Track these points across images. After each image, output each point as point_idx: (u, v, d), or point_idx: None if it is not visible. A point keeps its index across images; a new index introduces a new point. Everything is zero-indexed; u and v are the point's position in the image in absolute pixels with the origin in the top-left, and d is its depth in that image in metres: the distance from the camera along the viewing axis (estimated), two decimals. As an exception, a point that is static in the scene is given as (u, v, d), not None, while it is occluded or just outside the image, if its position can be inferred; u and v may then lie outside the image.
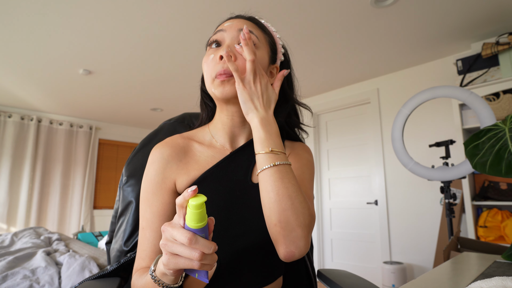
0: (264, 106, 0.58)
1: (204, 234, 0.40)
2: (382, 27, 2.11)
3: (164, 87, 3.18)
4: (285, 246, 0.51)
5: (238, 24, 0.64)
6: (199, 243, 0.39)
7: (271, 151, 0.54)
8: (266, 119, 0.57)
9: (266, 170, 0.54)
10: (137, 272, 0.59)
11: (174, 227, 0.41)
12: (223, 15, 1.95)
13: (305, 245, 0.52)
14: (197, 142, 0.68)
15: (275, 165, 0.53)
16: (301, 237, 0.51)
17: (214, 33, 0.66)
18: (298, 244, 0.51)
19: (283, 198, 0.52)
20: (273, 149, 0.55)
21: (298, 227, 0.51)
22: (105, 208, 4.48)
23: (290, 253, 0.51)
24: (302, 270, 0.78)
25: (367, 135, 3.08)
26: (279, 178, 0.53)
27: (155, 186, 0.62)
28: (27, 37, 2.19)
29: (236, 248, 0.58)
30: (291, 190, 0.52)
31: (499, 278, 0.51)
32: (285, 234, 0.51)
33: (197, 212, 0.38)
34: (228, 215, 0.60)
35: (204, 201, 0.38)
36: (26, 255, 1.83)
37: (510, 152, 0.73)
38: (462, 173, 1.64)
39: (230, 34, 0.63)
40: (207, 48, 0.67)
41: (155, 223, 0.61)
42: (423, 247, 2.52)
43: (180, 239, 0.39)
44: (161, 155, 0.64)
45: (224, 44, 0.63)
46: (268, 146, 0.55)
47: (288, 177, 0.53)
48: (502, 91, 2.00)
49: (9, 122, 3.77)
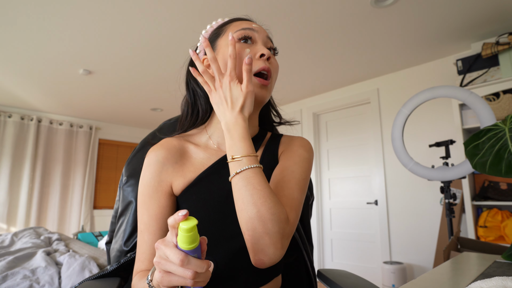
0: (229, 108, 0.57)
1: (196, 254, 0.40)
2: (382, 27, 2.11)
3: (164, 87, 3.18)
4: (253, 254, 0.51)
5: (265, 31, 0.68)
6: (191, 264, 0.39)
7: (233, 159, 0.53)
8: (235, 124, 0.56)
9: (232, 179, 0.53)
10: (137, 275, 0.60)
11: (167, 246, 0.40)
12: (223, 15, 1.95)
13: (274, 253, 0.50)
14: (193, 144, 0.68)
15: (237, 173, 0.52)
16: (269, 244, 0.50)
17: (242, 28, 0.65)
18: (266, 252, 0.50)
19: (248, 206, 0.50)
20: (234, 156, 0.53)
21: (265, 234, 0.49)
22: (105, 208, 4.48)
23: (259, 260, 0.51)
24: (302, 270, 0.78)
25: (367, 135, 3.08)
26: (243, 185, 0.51)
27: (151, 189, 0.62)
28: (27, 37, 2.19)
29: (232, 248, 0.59)
30: (256, 197, 0.50)
31: (499, 278, 0.51)
32: (254, 242, 0.50)
33: (188, 235, 0.38)
34: (223, 216, 0.60)
35: (195, 225, 0.38)
36: (26, 255, 1.83)
37: (510, 152, 0.73)
38: (462, 173, 1.64)
39: (261, 37, 0.66)
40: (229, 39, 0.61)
41: (152, 226, 0.61)
42: (423, 247, 2.52)
43: (173, 259, 0.39)
44: (156, 158, 0.64)
45: (257, 43, 0.65)
46: (230, 154, 0.54)
47: (253, 182, 0.51)
48: (502, 91, 2.00)
49: (9, 122, 3.77)
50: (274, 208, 0.51)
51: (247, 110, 0.57)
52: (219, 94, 0.58)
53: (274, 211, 0.50)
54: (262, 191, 0.51)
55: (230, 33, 0.59)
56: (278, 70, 0.68)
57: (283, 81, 3.08)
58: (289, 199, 0.57)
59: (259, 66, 0.62)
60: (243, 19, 0.69)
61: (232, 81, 0.57)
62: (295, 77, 2.97)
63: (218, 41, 0.66)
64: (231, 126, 0.55)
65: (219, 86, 0.58)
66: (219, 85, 0.58)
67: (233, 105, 0.56)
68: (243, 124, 0.56)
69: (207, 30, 0.70)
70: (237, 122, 0.56)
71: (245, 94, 0.56)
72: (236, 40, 0.63)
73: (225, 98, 0.57)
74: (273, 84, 0.67)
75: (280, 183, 0.59)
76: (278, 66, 0.68)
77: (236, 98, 0.57)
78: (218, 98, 0.58)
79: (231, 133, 0.55)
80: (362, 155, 3.10)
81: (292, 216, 0.54)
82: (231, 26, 0.66)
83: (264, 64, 0.62)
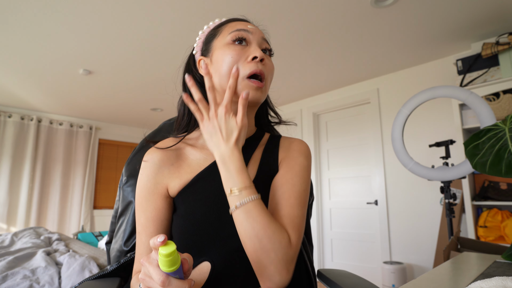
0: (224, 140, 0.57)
1: (178, 275, 0.42)
2: (382, 27, 2.11)
3: (164, 87, 3.18)
4: (262, 282, 0.53)
5: (261, 32, 0.67)
6: (172, 285, 0.41)
7: (231, 193, 0.54)
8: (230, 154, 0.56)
9: (233, 213, 0.54)
10: (135, 275, 0.61)
11: (151, 264, 0.42)
12: (223, 16, 1.95)
13: (281, 280, 0.52)
14: (189, 145, 0.68)
15: (236, 207, 0.54)
16: (274, 273, 0.52)
17: (236, 29, 0.65)
18: (273, 280, 0.52)
19: (251, 239, 0.52)
20: (233, 189, 0.54)
21: (270, 264, 0.52)
22: (105, 208, 4.48)
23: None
24: (302, 270, 0.78)
25: (367, 135, 3.08)
26: (244, 219, 0.53)
27: (148, 191, 0.63)
28: (27, 37, 2.19)
29: (228, 248, 0.59)
30: (257, 229, 0.52)
31: (499, 278, 0.51)
32: (260, 272, 0.52)
33: (168, 260, 0.39)
34: (220, 216, 0.60)
35: (174, 249, 0.39)
36: (26, 255, 1.83)
37: (510, 152, 0.73)
38: (462, 173, 1.64)
39: (256, 38, 0.65)
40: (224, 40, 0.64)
41: (149, 227, 0.62)
42: (423, 247, 2.52)
43: (155, 279, 0.41)
44: (152, 160, 0.64)
45: (251, 45, 0.64)
46: (228, 187, 0.55)
47: (253, 215, 0.53)
48: (502, 91, 2.00)
49: (9, 122, 3.77)
50: (274, 236, 0.52)
51: (241, 142, 0.58)
52: (213, 124, 0.58)
53: (275, 240, 0.52)
54: (261, 222, 0.52)
55: (235, 66, 0.60)
56: (273, 71, 0.67)
57: (283, 81, 3.08)
58: (290, 219, 0.57)
59: (251, 69, 0.61)
60: (240, 20, 0.69)
61: (227, 113, 0.58)
62: (295, 77, 2.97)
63: (213, 42, 0.67)
64: (227, 158, 0.56)
65: (214, 116, 0.58)
66: (213, 115, 0.58)
67: (228, 137, 0.57)
68: (239, 156, 0.56)
69: (203, 30, 0.71)
70: (233, 154, 0.56)
71: (240, 127, 0.57)
72: (230, 42, 0.63)
73: (219, 128, 0.57)
74: (268, 85, 0.66)
75: (281, 200, 0.59)
76: (272, 67, 0.67)
77: (231, 130, 0.57)
78: (212, 128, 0.58)
79: (227, 166, 0.56)
80: (362, 155, 3.10)
81: (295, 237, 0.55)
82: (227, 27, 0.66)
83: (256, 67, 0.61)
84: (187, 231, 0.60)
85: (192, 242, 0.59)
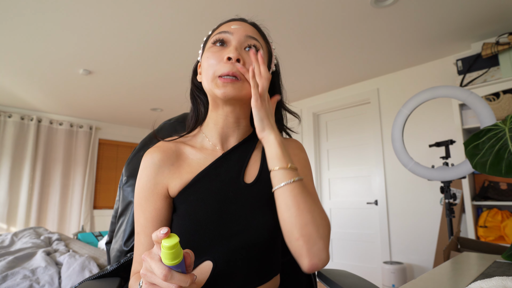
0: (273, 124, 0.61)
1: (180, 269, 0.42)
2: (382, 27, 2.11)
3: (164, 87, 3.18)
4: (309, 259, 0.53)
5: (245, 30, 0.65)
6: (175, 279, 0.41)
7: (290, 168, 0.57)
8: (279, 136, 0.61)
9: (287, 186, 0.56)
10: (134, 276, 0.61)
11: (153, 259, 0.42)
12: (223, 16, 1.94)
13: (326, 256, 0.54)
14: (189, 145, 0.68)
15: (294, 181, 0.56)
16: (323, 248, 0.53)
17: (218, 31, 0.66)
18: (321, 257, 0.53)
19: (304, 213, 0.54)
20: (292, 165, 0.58)
21: (320, 239, 0.53)
22: (105, 208, 4.48)
23: (314, 265, 0.53)
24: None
25: (367, 135, 3.08)
26: (299, 193, 0.55)
27: (147, 192, 0.63)
28: (27, 37, 2.19)
29: (230, 247, 0.59)
30: (310, 203, 0.55)
31: (499, 278, 0.51)
32: (308, 248, 0.53)
33: (171, 252, 0.39)
34: (221, 215, 0.60)
35: (177, 242, 0.39)
36: (26, 255, 1.83)
37: (510, 152, 0.73)
38: (462, 173, 1.64)
39: (236, 38, 0.64)
40: (208, 45, 0.66)
41: (149, 228, 0.62)
42: (423, 247, 2.52)
43: (157, 273, 0.41)
44: (152, 161, 0.64)
45: (230, 46, 0.63)
46: (286, 163, 0.57)
47: (306, 191, 0.56)
48: (502, 91, 2.00)
49: (9, 122, 3.77)
50: (323, 213, 0.56)
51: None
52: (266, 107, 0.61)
53: (323, 216, 0.56)
54: (313, 199, 0.57)
55: None
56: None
57: (283, 81, 3.08)
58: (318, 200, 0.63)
59: (222, 71, 0.60)
60: (232, 20, 0.69)
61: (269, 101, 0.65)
62: (295, 77, 2.97)
63: (205, 46, 0.69)
64: (281, 139, 0.60)
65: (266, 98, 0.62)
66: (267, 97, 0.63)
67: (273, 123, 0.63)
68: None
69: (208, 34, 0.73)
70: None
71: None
72: (211, 45, 0.66)
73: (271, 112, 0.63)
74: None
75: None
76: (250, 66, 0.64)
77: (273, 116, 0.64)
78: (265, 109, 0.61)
79: (283, 146, 0.60)
80: (362, 155, 3.10)
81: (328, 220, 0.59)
82: (216, 30, 0.68)
83: (229, 69, 0.60)
84: (188, 231, 0.60)
85: (194, 241, 0.60)
